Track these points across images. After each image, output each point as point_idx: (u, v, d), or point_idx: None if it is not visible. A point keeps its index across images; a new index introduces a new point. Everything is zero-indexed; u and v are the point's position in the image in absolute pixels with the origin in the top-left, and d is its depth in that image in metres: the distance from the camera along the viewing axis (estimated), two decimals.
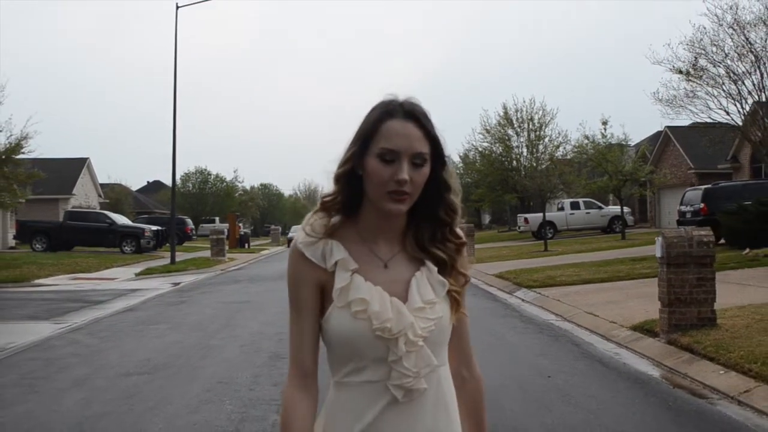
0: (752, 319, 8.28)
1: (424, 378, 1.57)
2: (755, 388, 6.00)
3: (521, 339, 8.87)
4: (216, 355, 7.91)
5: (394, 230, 1.65)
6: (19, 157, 21.96)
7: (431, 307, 1.59)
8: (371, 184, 1.57)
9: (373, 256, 1.62)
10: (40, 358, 8.14)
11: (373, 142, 1.57)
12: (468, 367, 1.76)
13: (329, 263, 1.58)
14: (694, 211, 20.35)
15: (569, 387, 6.26)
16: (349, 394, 1.59)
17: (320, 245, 1.59)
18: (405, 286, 1.60)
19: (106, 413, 5.57)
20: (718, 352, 6.96)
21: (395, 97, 1.62)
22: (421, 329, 1.56)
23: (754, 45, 15.80)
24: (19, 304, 13.90)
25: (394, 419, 1.57)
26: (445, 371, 1.66)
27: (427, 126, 1.59)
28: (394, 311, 1.55)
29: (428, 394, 1.59)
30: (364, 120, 1.61)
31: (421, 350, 1.56)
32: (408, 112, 1.58)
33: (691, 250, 8.09)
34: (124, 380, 6.78)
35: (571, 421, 5.17)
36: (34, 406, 5.93)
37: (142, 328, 10.38)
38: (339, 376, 1.61)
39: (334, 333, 1.58)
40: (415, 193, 1.57)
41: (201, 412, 5.38)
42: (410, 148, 1.55)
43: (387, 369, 1.56)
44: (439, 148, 1.61)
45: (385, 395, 1.56)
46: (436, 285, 1.62)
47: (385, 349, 1.55)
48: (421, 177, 1.57)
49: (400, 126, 1.57)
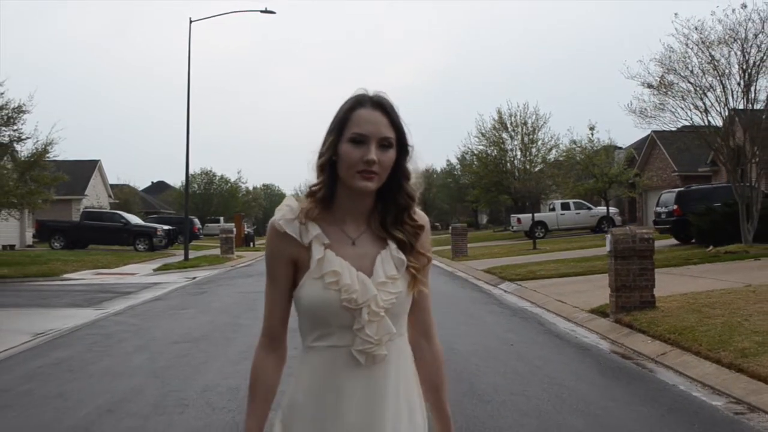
0: (686, 303, 9.96)
1: (384, 345, 1.72)
2: (670, 351, 7.71)
3: (496, 320, 10.59)
4: (244, 330, 9.63)
5: (361, 211, 1.80)
6: (44, 160, 23.70)
7: (393, 282, 1.74)
8: (344, 165, 1.72)
9: (342, 234, 1.77)
10: (98, 334, 9.85)
11: (346, 129, 1.73)
12: (427, 337, 1.90)
13: (305, 240, 1.73)
14: (668, 212, 22.03)
15: (525, 351, 7.99)
16: (316, 357, 1.75)
17: (296, 223, 1.75)
18: (370, 261, 1.75)
19: (170, 366, 7.33)
20: (650, 327, 8.67)
21: (366, 91, 1.79)
22: (383, 301, 1.71)
23: (719, 62, 17.52)
24: (57, 295, 15.57)
25: (357, 381, 1.72)
26: (404, 340, 1.82)
27: (393, 115, 1.75)
28: (360, 284, 1.71)
29: (389, 360, 1.74)
30: (338, 111, 1.78)
31: (382, 320, 1.71)
32: (376, 102, 1.75)
33: (634, 245, 9.79)
34: (174, 346, 8.52)
35: (519, 371, 6.89)
36: (111, 363, 7.67)
37: (175, 312, 12.11)
38: (308, 340, 1.76)
39: (306, 301, 1.73)
40: (383, 173, 1.73)
41: (241, 365, 7.10)
42: (377, 133, 1.71)
43: (351, 336, 1.71)
44: (403, 137, 1.77)
45: (349, 359, 1.71)
46: (397, 262, 1.77)
47: (350, 317, 1.70)
48: (387, 159, 1.73)
49: (368, 114, 1.73)
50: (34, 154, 23.07)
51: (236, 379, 6.50)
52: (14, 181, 22.33)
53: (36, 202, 22.80)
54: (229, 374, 6.84)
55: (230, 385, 6.32)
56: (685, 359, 7.28)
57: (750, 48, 17.02)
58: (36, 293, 15.92)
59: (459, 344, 8.12)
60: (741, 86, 17.32)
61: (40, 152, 22.93)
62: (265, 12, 25.87)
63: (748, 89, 17.32)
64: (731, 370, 6.55)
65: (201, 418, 5.32)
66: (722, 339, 7.42)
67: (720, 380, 6.41)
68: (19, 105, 22.16)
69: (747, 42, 17.00)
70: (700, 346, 7.35)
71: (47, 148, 23.08)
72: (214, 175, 63.72)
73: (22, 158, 23.50)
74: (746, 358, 6.66)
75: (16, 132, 22.45)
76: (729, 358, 6.75)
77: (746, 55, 17.09)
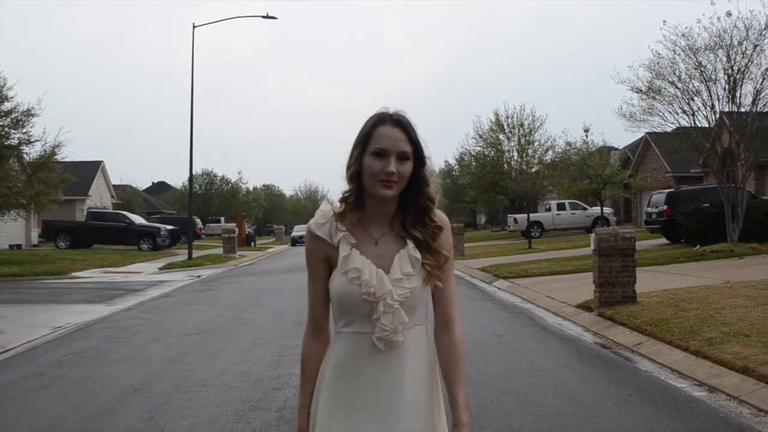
0: (666, 298, 10.60)
1: (400, 333, 1.96)
2: (645, 341, 8.36)
3: (487, 314, 11.24)
4: (251, 323, 10.29)
5: (384, 214, 2.04)
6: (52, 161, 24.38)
7: (408, 278, 1.96)
8: (367, 175, 1.96)
9: (367, 235, 2.02)
10: (114, 327, 10.51)
11: (369, 144, 1.97)
12: (447, 328, 2.08)
13: (335, 240, 2.00)
14: (658, 213, 22.66)
15: (512, 341, 8.64)
16: (343, 341, 2.02)
17: (327, 226, 2.02)
18: (389, 260, 1.99)
19: (185, 353, 7.99)
20: (629, 319, 9.32)
21: (387, 109, 2.02)
22: (397, 295, 1.95)
23: (705, 68, 18.19)
24: (69, 292, 16.20)
25: (376, 363, 1.98)
26: (421, 330, 2.04)
27: (410, 131, 1.99)
28: (377, 280, 1.95)
29: (405, 346, 1.98)
30: (362, 127, 2.02)
31: (396, 311, 1.95)
32: (395, 120, 1.99)
33: (617, 244, 10.43)
34: (187, 338, 9.18)
35: (505, 358, 7.55)
36: (130, 352, 8.33)
37: (184, 308, 12.76)
38: (339, 326, 2.04)
39: (334, 292, 2.00)
40: (401, 182, 1.97)
41: (251, 352, 7.77)
42: (396, 147, 1.95)
43: (371, 324, 1.96)
44: (420, 150, 2.01)
45: (370, 345, 1.97)
46: (412, 260, 1.99)
47: (370, 308, 1.96)
48: (405, 169, 1.96)
49: (389, 130, 1.97)
50: (43, 156, 23.75)
51: (247, 365, 7.18)
52: (23, 182, 22.98)
53: (44, 202, 23.45)
54: (240, 360, 7.51)
55: (242, 369, 7.00)
56: (658, 348, 7.93)
57: (735, 54, 17.69)
58: (48, 290, 16.56)
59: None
60: (726, 91, 17.98)
61: (49, 154, 23.61)
62: (267, 17, 26.52)
63: (734, 94, 17.98)
64: (698, 357, 7.20)
65: (219, 396, 6.00)
66: (693, 330, 8.06)
67: (687, 366, 7.06)
68: (28, 109, 22.85)
69: (732, 48, 17.67)
70: (672, 336, 8.00)
71: (55, 150, 23.75)
72: (215, 176, 64.44)
73: (31, 160, 24.18)
74: (712, 346, 7.30)
75: (26, 135, 23.12)
76: (696, 347, 7.40)
77: (731, 61, 17.75)
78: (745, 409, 5.54)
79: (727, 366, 6.67)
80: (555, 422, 5.18)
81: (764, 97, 17.94)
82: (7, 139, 22.93)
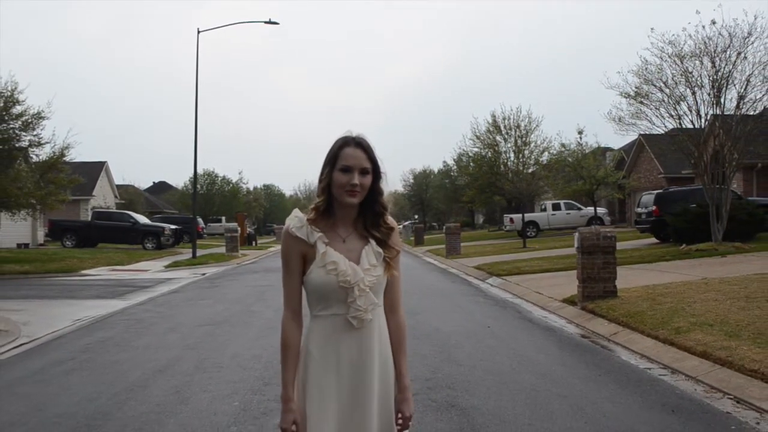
0: (645, 293, 11.35)
1: (369, 312, 2.38)
2: (620, 331, 9.12)
3: (479, 308, 12.00)
4: (259, 315, 11.05)
5: (349, 218, 2.44)
6: (61, 163, 25.13)
7: (374, 268, 2.39)
8: (336, 187, 2.37)
9: (336, 234, 2.42)
10: (130, 319, 11.27)
11: (337, 162, 2.37)
12: (393, 310, 2.51)
13: (311, 240, 2.38)
14: (648, 213, 23.42)
15: (499, 331, 9.40)
16: (321, 323, 2.39)
17: (304, 229, 2.39)
18: (357, 254, 2.39)
19: (200, 342, 8.76)
20: (608, 312, 10.08)
21: (350, 133, 2.43)
22: (368, 281, 2.37)
23: (691, 74, 18.96)
24: (82, 289, 16.95)
25: (351, 339, 2.38)
26: (381, 310, 2.46)
27: (370, 152, 2.39)
28: (351, 270, 2.35)
29: (373, 324, 2.40)
30: (330, 149, 2.41)
31: (367, 294, 2.37)
32: (358, 143, 2.40)
33: (599, 242, 11.19)
34: (200, 328, 9.95)
35: (491, 345, 8.31)
36: (149, 340, 9.09)
37: (193, 303, 13.52)
38: (315, 311, 2.40)
39: (314, 283, 2.36)
40: (362, 192, 2.38)
41: (261, 340, 8.53)
42: (359, 165, 2.37)
43: (346, 307, 2.35)
44: (377, 167, 2.42)
45: (345, 323, 2.37)
46: (376, 254, 2.42)
47: (344, 294, 2.35)
48: (366, 182, 2.38)
49: (352, 151, 2.37)
50: (52, 157, 24.49)
51: (257, 350, 7.96)
52: (33, 183, 23.72)
53: (53, 202, 24.19)
54: (251, 347, 8.28)
55: (254, 354, 7.78)
56: (632, 337, 8.69)
57: (720, 61, 18.46)
58: (61, 287, 17.30)
59: (443, 326, 9.52)
60: (711, 96, 18.74)
61: (57, 156, 24.35)
62: (269, 23, 27.28)
63: (718, 98, 18.75)
64: (665, 344, 7.97)
65: (235, 374, 6.78)
66: (664, 320, 8.83)
67: (655, 352, 7.83)
68: (38, 111, 23.59)
69: (717, 55, 18.44)
70: (645, 327, 8.76)
71: (64, 152, 24.50)
72: (216, 176, 65.24)
73: (40, 161, 24.92)
74: (679, 334, 8.06)
75: (36, 137, 23.87)
76: (665, 335, 8.17)
77: (716, 67, 18.52)
78: (700, 387, 6.30)
79: (689, 351, 7.44)
80: (529, 395, 5.94)
81: (748, 102, 18.74)
82: (18, 141, 23.68)
